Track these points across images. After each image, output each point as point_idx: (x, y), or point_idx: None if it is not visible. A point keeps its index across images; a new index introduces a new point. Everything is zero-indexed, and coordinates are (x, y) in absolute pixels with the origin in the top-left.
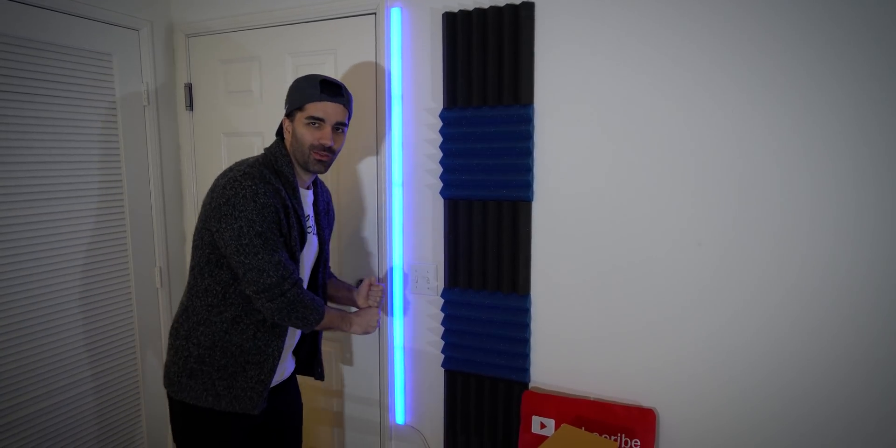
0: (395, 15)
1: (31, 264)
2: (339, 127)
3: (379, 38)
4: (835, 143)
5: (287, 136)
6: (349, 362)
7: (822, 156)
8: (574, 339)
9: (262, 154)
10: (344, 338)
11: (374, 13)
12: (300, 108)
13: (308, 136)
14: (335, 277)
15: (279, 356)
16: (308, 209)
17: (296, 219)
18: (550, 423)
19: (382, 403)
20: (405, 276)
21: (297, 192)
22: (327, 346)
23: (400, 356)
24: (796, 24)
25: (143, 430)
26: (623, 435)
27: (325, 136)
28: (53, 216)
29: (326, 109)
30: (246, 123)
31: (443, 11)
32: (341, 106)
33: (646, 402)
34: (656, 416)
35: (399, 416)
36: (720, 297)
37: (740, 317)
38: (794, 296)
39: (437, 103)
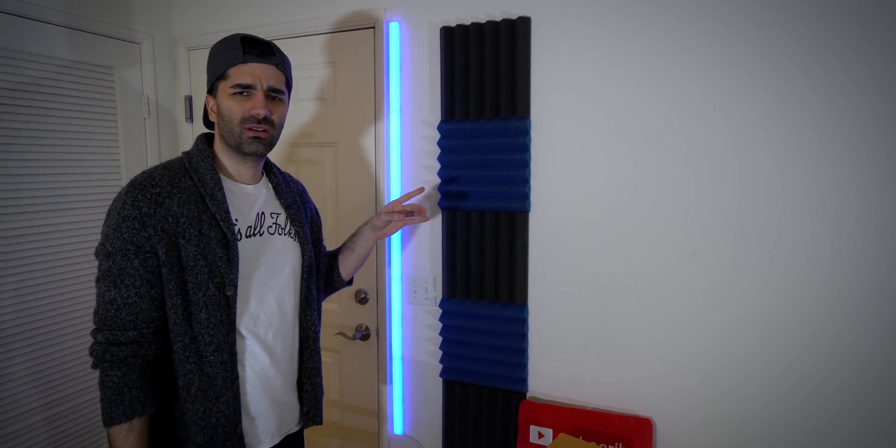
0: (394, 29)
1: (32, 275)
2: (276, 94)
3: (378, 52)
4: (835, 151)
5: (213, 118)
6: (347, 372)
7: (821, 164)
8: (571, 349)
9: (177, 156)
10: (341, 347)
11: (373, 27)
12: (223, 77)
13: (236, 108)
14: (341, 248)
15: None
16: (259, 207)
17: (213, 226)
18: (548, 432)
19: (381, 413)
20: (403, 287)
21: (219, 191)
22: (322, 356)
23: (398, 366)
24: (794, 28)
25: None
26: (620, 444)
27: (256, 104)
28: (54, 227)
29: (255, 72)
30: None
31: (441, 26)
32: (273, 67)
33: (643, 412)
34: (653, 426)
35: (397, 427)
36: (718, 306)
37: (737, 326)
38: (792, 305)
39: (435, 115)
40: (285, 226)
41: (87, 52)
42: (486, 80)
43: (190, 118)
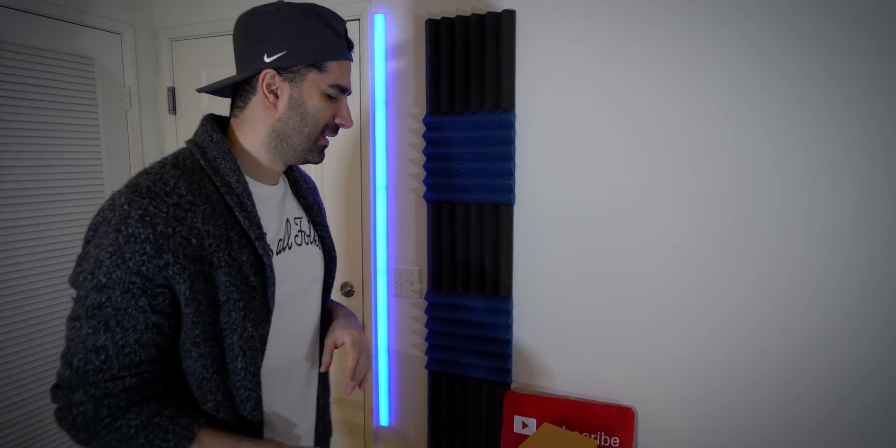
0: (379, 21)
1: (11, 268)
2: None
3: (363, 44)
4: (832, 146)
5: (268, 101)
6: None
7: (819, 159)
8: (556, 340)
9: (181, 148)
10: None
11: (358, 19)
12: (318, 67)
13: (327, 111)
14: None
15: None
16: (285, 211)
17: (244, 246)
18: (532, 422)
19: (367, 406)
20: (389, 279)
21: (248, 198)
22: None
23: (384, 359)
24: (791, 21)
25: None
26: (602, 433)
27: (346, 113)
28: (35, 220)
29: (349, 72)
30: None
31: (426, 18)
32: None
33: (625, 401)
34: (635, 415)
35: (383, 418)
36: (703, 299)
37: (720, 320)
38: (787, 302)
39: (421, 108)
40: (309, 232)
41: (67, 42)
42: (471, 74)
43: (173, 110)
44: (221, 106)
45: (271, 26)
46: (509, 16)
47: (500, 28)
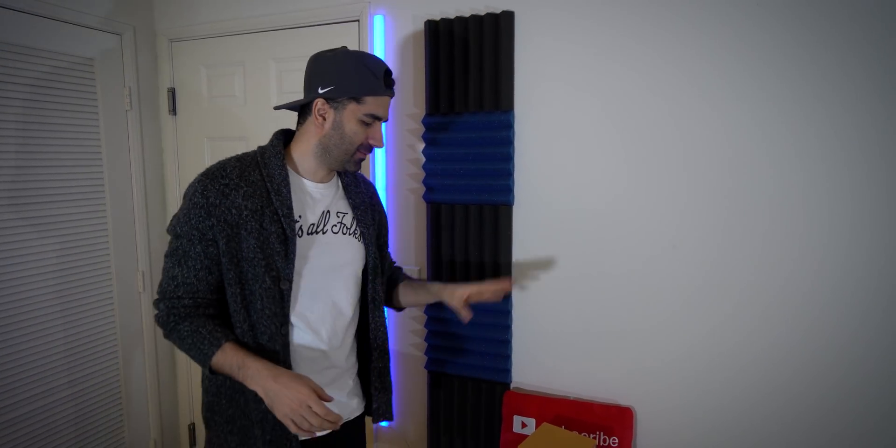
0: (378, 22)
1: (11, 269)
2: None
3: (362, 45)
4: (828, 143)
5: (318, 122)
6: None
7: (814, 157)
8: (555, 340)
9: (252, 149)
10: None
11: (358, 20)
12: (357, 99)
13: (361, 134)
14: (411, 279)
15: None
16: (325, 205)
17: (274, 221)
18: (531, 422)
19: None
20: None
21: (285, 187)
22: None
23: None
24: (787, 20)
25: (125, 436)
26: (601, 433)
27: (379, 136)
28: (34, 220)
29: (386, 106)
30: (230, 128)
31: (425, 19)
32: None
33: (624, 401)
34: (633, 415)
35: None
36: (703, 300)
37: (718, 320)
38: (782, 302)
39: (420, 109)
40: (351, 226)
41: (67, 43)
42: (470, 75)
43: (173, 110)
44: (221, 108)
45: (327, 66)
46: (508, 17)
47: (498, 29)
